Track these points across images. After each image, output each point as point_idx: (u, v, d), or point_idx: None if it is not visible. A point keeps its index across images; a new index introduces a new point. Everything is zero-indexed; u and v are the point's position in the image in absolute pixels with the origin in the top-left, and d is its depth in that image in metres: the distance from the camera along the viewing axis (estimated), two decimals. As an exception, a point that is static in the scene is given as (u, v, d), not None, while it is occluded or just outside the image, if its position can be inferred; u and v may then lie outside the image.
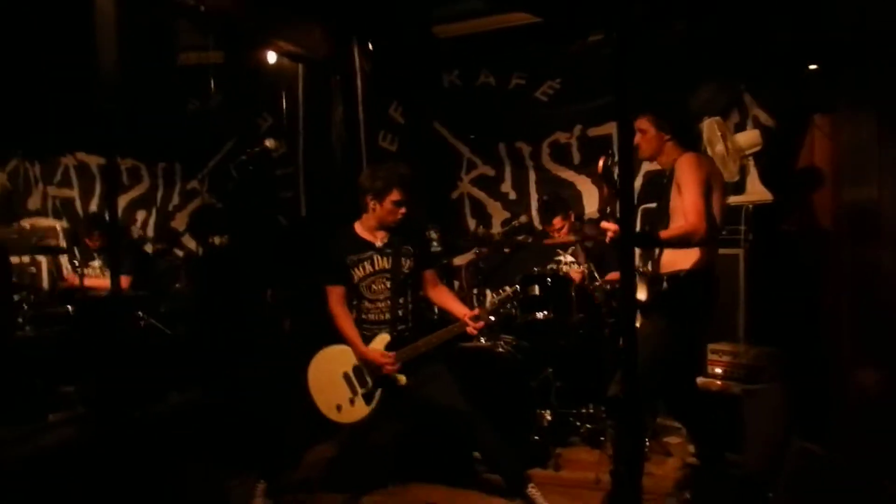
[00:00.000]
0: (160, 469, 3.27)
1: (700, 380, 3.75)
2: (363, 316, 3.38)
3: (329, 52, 5.33)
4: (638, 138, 3.29)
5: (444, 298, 3.51)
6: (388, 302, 3.35)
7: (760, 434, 3.49)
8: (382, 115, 5.82)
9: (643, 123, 3.27)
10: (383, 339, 3.34)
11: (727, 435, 3.45)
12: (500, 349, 3.91)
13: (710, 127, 4.11)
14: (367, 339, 3.34)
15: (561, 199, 4.78)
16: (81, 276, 4.46)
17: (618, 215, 3.16)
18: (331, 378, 3.34)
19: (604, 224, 3.19)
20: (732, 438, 3.47)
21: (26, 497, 2.89)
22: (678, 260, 3.16)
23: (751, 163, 4.22)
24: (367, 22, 5.44)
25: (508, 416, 3.71)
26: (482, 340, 4.02)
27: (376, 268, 3.36)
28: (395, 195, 3.29)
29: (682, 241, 3.06)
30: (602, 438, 3.90)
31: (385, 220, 3.34)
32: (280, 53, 5.11)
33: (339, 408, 3.31)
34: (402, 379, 3.30)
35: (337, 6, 5.12)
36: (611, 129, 5.08)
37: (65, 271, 5.43)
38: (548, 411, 3.93)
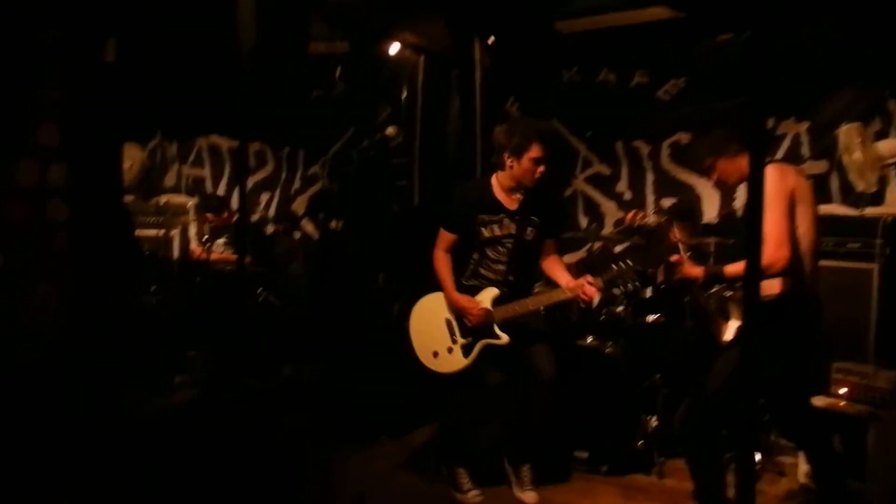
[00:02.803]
0: (271, 435, 3.44)
1: (822, 400, 3.54)
2: (480, 271, 3.32)
3: (450, 45, 5.40)
4: (713, 177, 3.05)
5: (556, 269, 3.41)
6: (506, 265, 3.29)
7: (887, 462, 3.27)
8: (499, 109, 5.81)
9: (704, 160, 3.03)
10: (491, 291, 3.27)
11: (849, 460, 3.26)
12: (608, 350, 3.85)
13: (847, 133, 3.89)
14: (477, 291, 3.30)
15: (691, 210, 4.61)
16: (209, 250, 4.74)
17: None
18: (432, 323, 3.29)
19: (674, 258, 3.05)
20: (855, 464, 3.27)
21: (152, 450, 3.10)
22: (766, 283, 2.86)
23: (892, 173, 3.95)
24: (489, 16, 5.46)
25: (612, 419, 3.65)
26: (591, 340, 3.97)
27: (504, 231, 3.28)
28: (534, 151, 3.15)
29: None
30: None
31: (523, 178, 3.22)
32: (403, 45, 5.22)
33: (435, 354, 3.26)
34: (504, 338, 3.22)
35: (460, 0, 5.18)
36: (737, 130, 4.89)
37: (193, 245, 5.79)
38: (654, 418, 3.83)
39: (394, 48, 5.25)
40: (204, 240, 5.03)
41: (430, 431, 3.94)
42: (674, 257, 3.04)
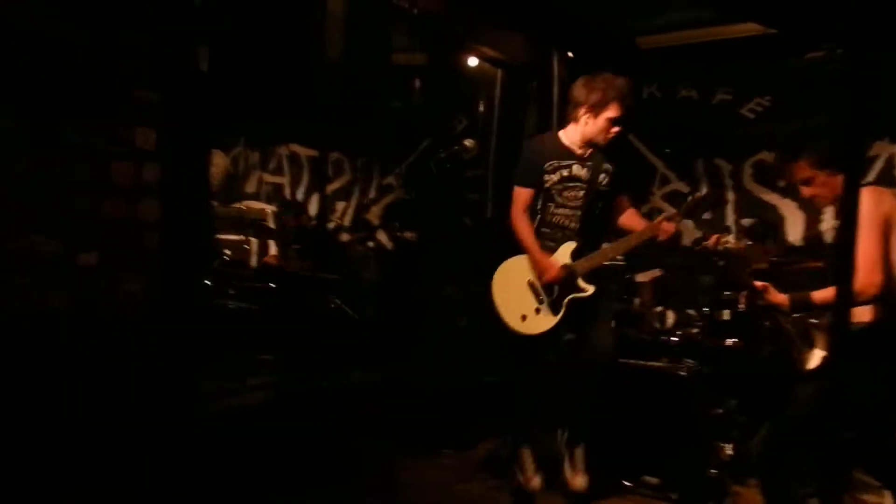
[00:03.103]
0: (339, 437, 3.50)
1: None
2: (550, 219, 3.26)
3: (528, 59, 5.40)
4: (808, 191, 2.93)
5: (635, 220, 3.34)
6: (579, 212, 3.21)
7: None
8: (576, 124, 5.77)
9: (805, 171, 2.89)
10: (569, 246, 3.21)
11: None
12: (683, 372, 3.74)
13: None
14: (551, 247, 3.24)
15: (769, 226, 4.47)
16: (285, 257, 4.85)
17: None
18: (516, 288, 3.24)
19: (759, 284, 2.97)
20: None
21: (225, 445, 3.19)
22: (855, 310, 2.75)
23: None
24: (568, 30, 5.44)
25: (685, 444, 3.54)
26: (664, 361, 3.87)
27: (573, 174, 3.21)
28: (612, 111, 3.11)
29: None
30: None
31: (595, 137, 3.17)
32: (481, 58, 5.25)
33: (524, 318, 3.21)
34: (590, 288, 3.16)
35: (540, 14, 5.17)
36: (824, 151, 4.71)
37: (271, 251, 5.93)
38: (728, 445, 3.70)
39: (472, 61, 5.29)
40: (280, 246, 5.15)
41: (494, 444, 3.92)
42: (758, 283, 2.94)
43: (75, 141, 2.45)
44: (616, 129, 3.14)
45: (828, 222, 4.56)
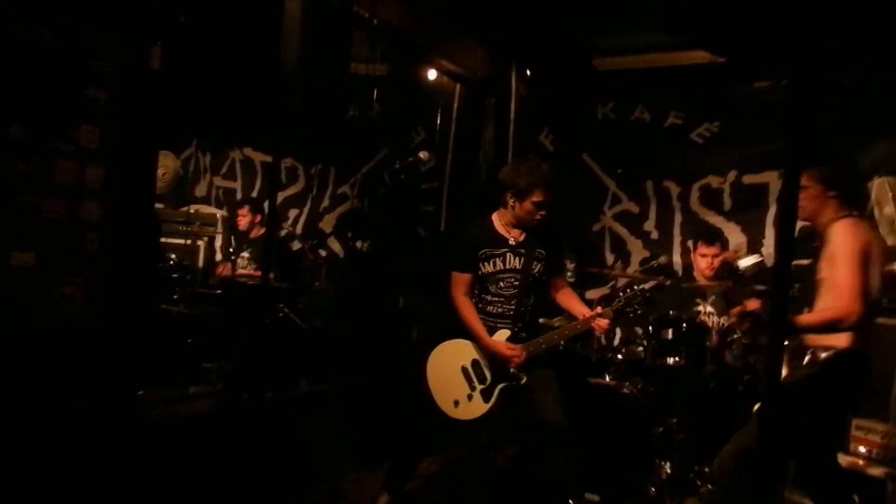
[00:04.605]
0: (282, 449, 3.44)
1: (840, 457, 3.46)
2: (485, 307, 3.31)
3: (487, 74, 5.45)
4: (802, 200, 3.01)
5: (570, 301, 3.44)
6: (514, 300, 3.28)
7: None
8: (532, 141, 5.84)
9: (805, 179, 2.97)
10: (504, 333, 3.26)
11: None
12: (626, 390, 3.80)
13: (880, 186, 3.84)
14: (488, 333, 3.28)
15: (712, 230, 4.59)
16: (234, 264, 4.77)
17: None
18: (449, 372, 3.28)
19: (735, 311, 3.04)
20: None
21: (162, 455, 3.11)
22: (832, 335, 2.86)
23: (926, 230, 3.88)
24: (528, 47, 5.52)
25: (625, 461, 3.59)
26: (608, 379, 3.92)
27: (507, 266, 3.28)
28: (537, 196, 3.19)
29: (828, 328, 2.78)
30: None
31: (523, 219, 3.26)
32: (441, 71, 5.27)
33: (456, 403, 3.24)
34: (523, 377, 3.21)
35: (501, 30, 5.23)
36: (768, 177, 4.86)
37: (218, 256, 5.83)
38: (667, 463, 3.76)
39: (432, 74, 5.31)
40: (230, 251, 5.07)
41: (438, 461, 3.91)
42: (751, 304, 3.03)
43: (18, 137, 2.38)
44: (542, 212, 3.24)
45: (768, 246, 4.69)
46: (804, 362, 2.92)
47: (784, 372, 3.01)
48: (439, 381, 3.30)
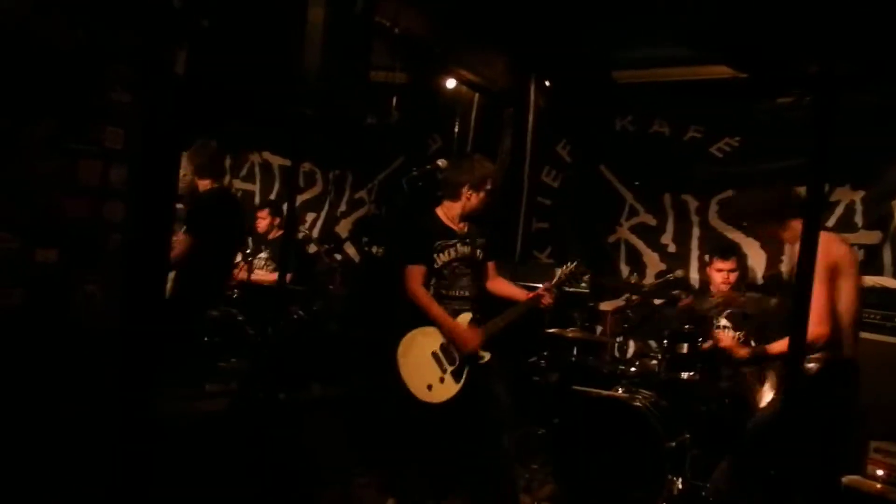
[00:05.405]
0: (293, 450, 3.46)
1: (855, 479, 3.43)
2: (445, 294, 3.48)
3: (506, 85, 5.47)
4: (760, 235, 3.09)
5: (503, 287, 3.69)
6: (468, 286, 3.50)
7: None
8: (549, 152, 5.86)
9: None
10: (466, 316, 3.46)
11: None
12: (637, 403, 3.78)
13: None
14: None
15: (728, 245, 4.59)
16: (250, 267, 4.81)
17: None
18: (421, 359, 3.43)
19: (718, 334, 3.04)
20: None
21: (175, 452, 3.14)
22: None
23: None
24: (547, 59, 5.53)
25: (635, 476, 3.57)
26: (619, 391, 3.91)
27: (458, 255, 3.49)
28: (489, 184, 3.49)
29: None
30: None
31: (475, 209, 3.52)
32: (461, 81, 5.30)
33: (430, 387, 3.39)
34: (486, 355, 3.41)
35: (521, 42, 5.25)
36: (789, 193, 4.83)
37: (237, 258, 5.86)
38: (679, 479, 3.73)
39: (451, 83, 5.33)
40: (247, 253, 5.10)
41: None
42: (722, 337, 3.02)
43: (43, 137, 2.42)
44: (490, 199, 3.52)
45: (787, 263, 4.66)
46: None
47: (770, 394, 3.02)
48: (412, 368, 3.43)
